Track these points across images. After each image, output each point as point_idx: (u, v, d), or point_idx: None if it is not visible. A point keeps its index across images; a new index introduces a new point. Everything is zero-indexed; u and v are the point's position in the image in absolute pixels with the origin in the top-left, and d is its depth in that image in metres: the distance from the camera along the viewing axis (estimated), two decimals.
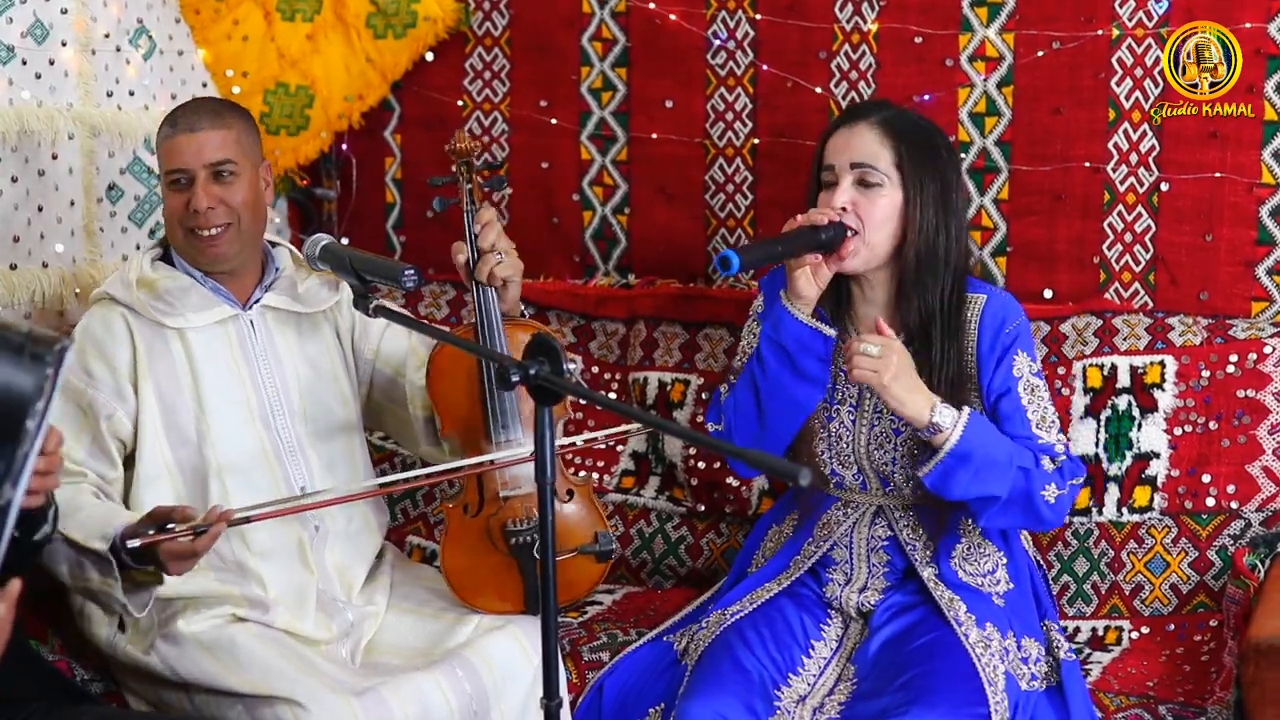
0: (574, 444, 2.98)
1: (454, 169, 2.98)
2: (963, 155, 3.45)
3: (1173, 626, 3.14)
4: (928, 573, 2.87)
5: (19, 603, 1.90)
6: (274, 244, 3.00)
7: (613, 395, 3.59)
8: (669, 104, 3.70)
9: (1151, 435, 3.22)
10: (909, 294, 2.84)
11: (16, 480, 1.81)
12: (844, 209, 2.80)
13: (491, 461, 2.87)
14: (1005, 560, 2.93)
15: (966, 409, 2.74)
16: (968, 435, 2.71)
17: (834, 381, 2.91)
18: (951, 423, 2.71)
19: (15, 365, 1.81)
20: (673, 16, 3.64)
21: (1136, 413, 3.24)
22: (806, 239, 2.77)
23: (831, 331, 2.83)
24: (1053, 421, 2.87)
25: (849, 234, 2.79)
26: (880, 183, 2.81)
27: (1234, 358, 3.22)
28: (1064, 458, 2.84)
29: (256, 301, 2.92)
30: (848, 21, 3.53)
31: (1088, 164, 3.40)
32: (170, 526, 2.52)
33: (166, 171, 2.84)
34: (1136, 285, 3.41)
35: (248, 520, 2.65)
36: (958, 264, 2.85)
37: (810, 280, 2.79)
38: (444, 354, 2.93)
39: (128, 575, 2.59)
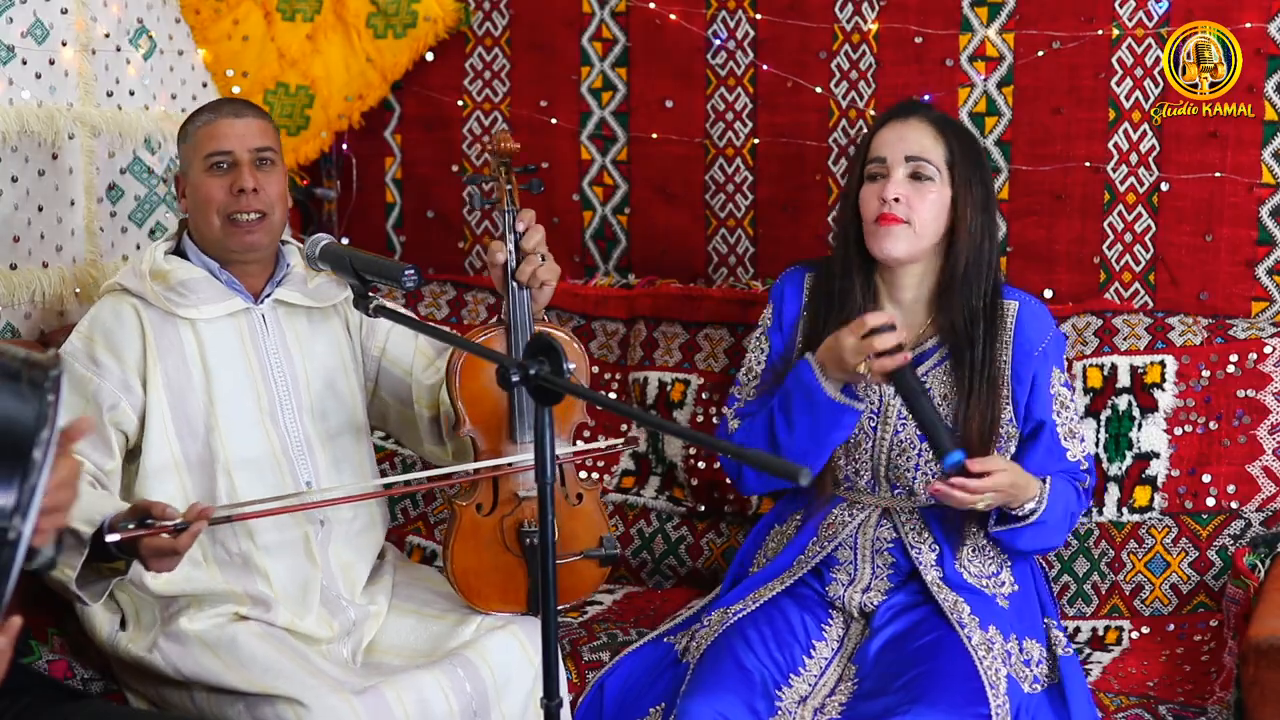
0: (588, 450, 2.98)
1: (494, 169, 2.97)
2: None
3: (1173, 626, 3.14)
4: (931, 575, 2.87)
5: (18, 638, 1.91)
6: (284, 242, 3.00)
7: (613, 395, 3.58)
8: (669, 104, 3.70)
9: (1152, 435, 3.22)
10: (954, 295, 2.88)
11: (26, 513, 1.79)
12: (896, 199, 2.83)
13: (506, 465, 2.87)
14: (1009, 562, 2.94)
15: (1049, 480, 2.82)
16: (1049, 508, 2.81)
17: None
18: (1038, 501, 2.80)
19: (15, 394, 1.76)
20: (673, 16, 3.64)
21: (1137, 413, 3.24)
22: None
23: (862, 406, 2.85)
24: (1076, 429, 2.94)
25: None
26: (932, 177, 2.85)
27: (1234, 358, 3.22)
28: (1088, 479, 2.95)
29: (268, 296, 2.92)
30: (848, 21, 3.53)
31: (1088, 164, 3.40)
32: (149, 522, 2.49)
33: (208, 155, 2.83)
34: (1136, 285, 3.41)
35: (229, 519, 2.66)
36: (996, 267, 2.92)
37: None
38: None
39: (95, 565, 2.56)
